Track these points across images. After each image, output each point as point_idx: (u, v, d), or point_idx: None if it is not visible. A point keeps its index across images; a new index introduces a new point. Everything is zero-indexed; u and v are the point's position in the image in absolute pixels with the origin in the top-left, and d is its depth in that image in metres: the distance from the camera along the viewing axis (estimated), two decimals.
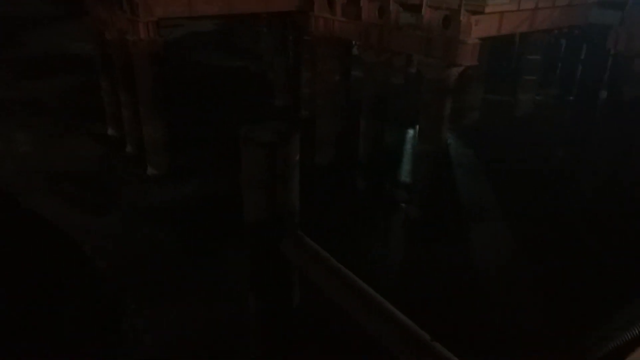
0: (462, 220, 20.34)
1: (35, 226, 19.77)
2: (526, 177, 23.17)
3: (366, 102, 21.60)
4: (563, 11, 20.47)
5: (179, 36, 49.11)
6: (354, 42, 24.17)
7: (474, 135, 27.54)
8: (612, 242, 17.73)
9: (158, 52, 21.56)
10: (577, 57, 30.90)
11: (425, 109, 18.85)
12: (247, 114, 30.72)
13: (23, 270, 17.07)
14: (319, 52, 23.63)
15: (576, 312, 14.87)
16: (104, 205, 21.15)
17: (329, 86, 23.83)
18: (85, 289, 16.52)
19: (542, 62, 27.57)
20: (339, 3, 21.27)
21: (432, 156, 18.97)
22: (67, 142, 27.03)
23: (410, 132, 27.83)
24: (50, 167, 24.13)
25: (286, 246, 9.91)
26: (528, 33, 23.80)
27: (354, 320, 8.42)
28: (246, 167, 9.89)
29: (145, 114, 22.71)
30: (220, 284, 16.18)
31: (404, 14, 18.66)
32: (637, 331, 4.85)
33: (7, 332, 14.56)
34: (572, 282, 16.33)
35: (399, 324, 7.48)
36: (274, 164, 9.42)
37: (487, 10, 16.36)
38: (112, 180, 23.29)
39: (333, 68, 23.55)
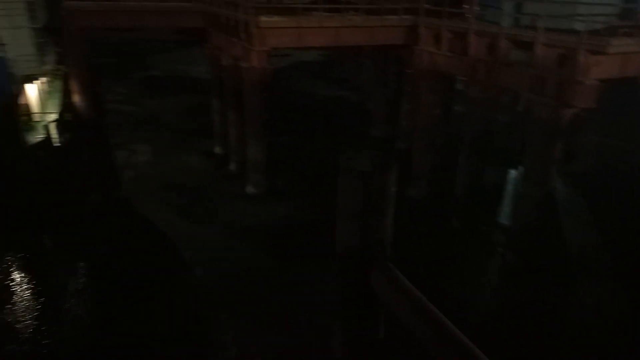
0: (566, 270, 18.67)
1: (142, 229, 21.73)
2: None
3: (467, 138, 21.00)
4: None
5: (285, 65, 51.95)
6: (458, 77, 23.81)
7: (585, 181, 25.37)
8: None
9: (267, 79, 22.95)
10: None
11: (532, 150, 17.84)
12: (345, 142, 31.36)
13: (128, 268, 18.76)
14: (420, 86, 23.57)
15: None
16: (206, 217, 22.62)
17: (428, 119, 23.60)
18: (182, 292, 17.64)
19: None
20: (445, 38, 21.17)
21: (537, 200, 17.79)
22: (179, 156, 29.53)
23: (513, 172, 26.38)
24: (163, 178, 26.49)
25: (375, 277, 9.85)
26: None
27: None
28: (342, 195, 10.07)
29: (250, 135, 24.13)
30: (307, 306, 16.34)
31: (515, 51, 18.03)
32: None
33: (101, 329, 15.98)
34: None
35: None
36: (370, 193, 9.50)
37: (609, 50, 15.26)
38: (215, 194, 24.88)
39: (434, 102, 23.34)
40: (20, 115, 22.44)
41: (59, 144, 23.90)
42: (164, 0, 28.04)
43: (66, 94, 30.68)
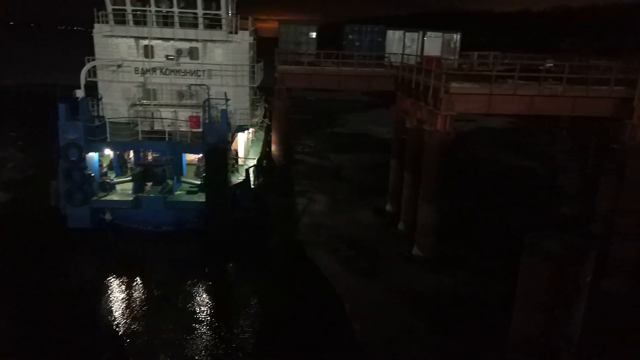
0: None
1: (310, 274, 22.87)
2: None
3: None
4: None
5: (469, 130, 50.88)
6: None
7: None
8: None
9: (449, 143, 22.71)
10: None
11: None
12: (528, 217, 28.76)
13: (294, 306, 19.80)
14: (629, 164, 20.52)
15: None
16: (370, 273, 22.79)
17: (636, 203, 20.21)
18: (337, 341, 17.81)
19: None
20: None
21: None
22: (352, 210, 30.76)
23: None
24: (335, 228, 27.81)
25: None
26: None
27: None
28: (524, 278, 9.14)
29: (424, 197, 23.88)
30: None
31: None
32: None
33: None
34: None
35: None
36: (560, 280, 8.42)
37: None
38: (381, 252, 25.03)
39: None
40: (230, 158, 26.34)
41: (253, 187, 27.17)
42: (360, 66, 30.56)
43: (266, 144, 35.09)
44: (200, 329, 18.14)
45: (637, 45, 70.16)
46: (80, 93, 25.36)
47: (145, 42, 27.86)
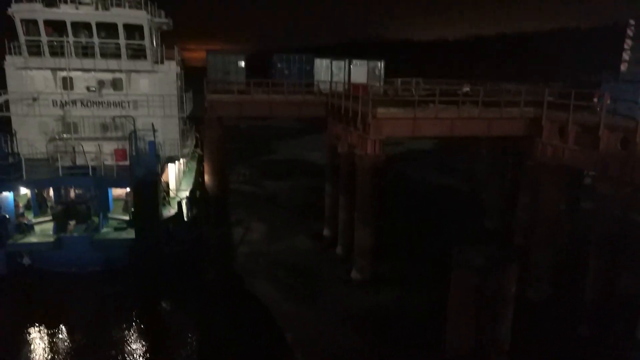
0: None
1: (249, 305, 22.38)
2: None
3: (599, 238, 18.95)
4: None
5: (397, 153, 52.98)
6: (585, 172, 22.24)
7: None
8: None
9: (380, 166, 23.52)
10: None
11: None
12: (456, 232, 30.17)
13: (234, 342, 19.22)
14: (542, 179, 22.29)
15: None
16: (310, 299, 22.69)
17: (551, 215, 21.94)
18: None
19: None
20: (572, 131, 20.14)
21: None
22: (290, 236, 30.66)
23: None
24: (273, 256, 27.54)
25: None
26: None
27: None
28: (454, 292, 9.60)
29: (359, 220, 24.41)
30: None
31: None
32: None
33: None
34: None
35: None
36: (486, 292, 8.91)
37: None
38: (320, 277, 25.06)
39: (557, 197, 21.80)
40: (160, 191, 25.46)
41: (187, 219, 26.38)
42: (291, 93, 31.09)
43: (199, 174, 34.35)
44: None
45: (540, 69, 77.24)
46: None
47: (64, 73, 26.63)
